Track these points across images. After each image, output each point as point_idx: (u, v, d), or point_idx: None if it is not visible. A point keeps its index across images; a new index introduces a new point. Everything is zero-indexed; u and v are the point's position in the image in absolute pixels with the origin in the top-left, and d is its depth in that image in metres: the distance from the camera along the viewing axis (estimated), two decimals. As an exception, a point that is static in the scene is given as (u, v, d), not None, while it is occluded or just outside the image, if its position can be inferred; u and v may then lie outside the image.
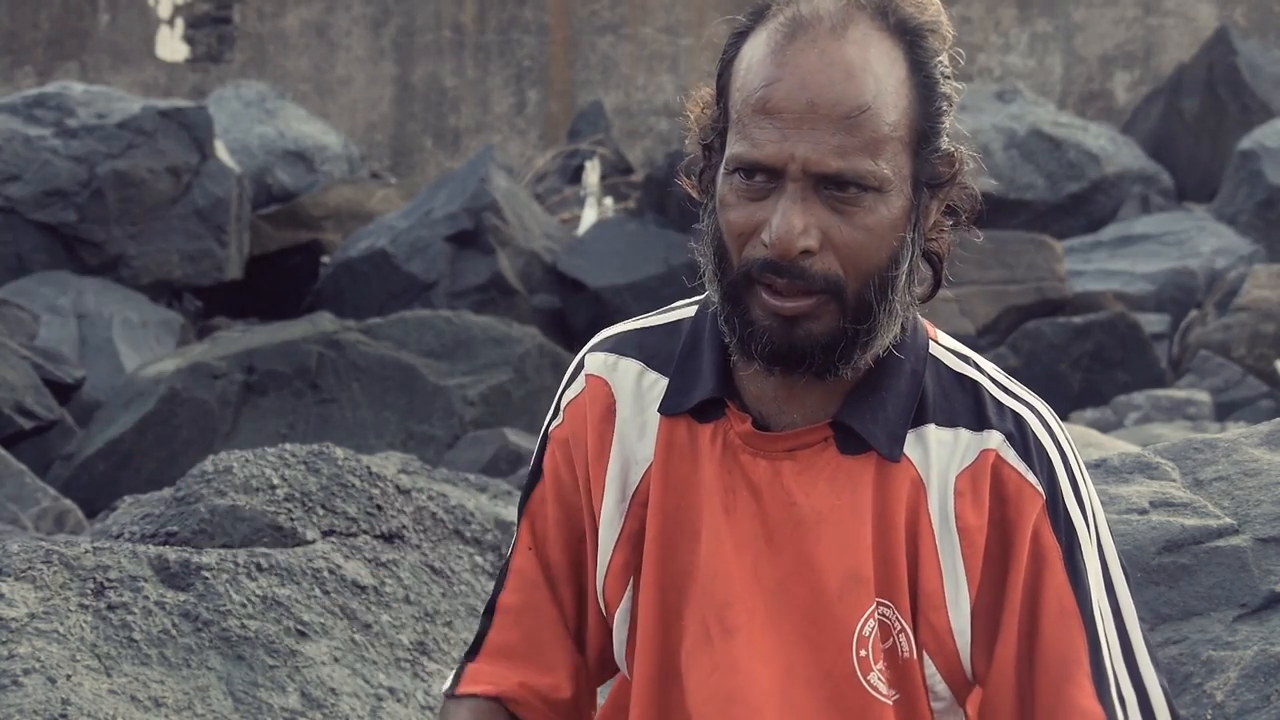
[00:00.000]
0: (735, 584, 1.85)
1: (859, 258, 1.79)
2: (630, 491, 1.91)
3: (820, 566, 1.84)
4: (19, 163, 11.18)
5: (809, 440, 1.86)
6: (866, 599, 1.83)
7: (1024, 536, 1.84)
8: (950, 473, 1.85)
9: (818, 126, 1.76)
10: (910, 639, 1.84)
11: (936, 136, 1.83)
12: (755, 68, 1.81)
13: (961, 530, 1.84)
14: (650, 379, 1.92)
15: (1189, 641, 2.53)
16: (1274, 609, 2.54)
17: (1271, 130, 13.15)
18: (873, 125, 1.77)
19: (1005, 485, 1.85)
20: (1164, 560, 2.61)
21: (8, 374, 7.89)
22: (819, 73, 1.77)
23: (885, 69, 1.79)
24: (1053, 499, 1.85)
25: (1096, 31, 16.39)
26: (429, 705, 3.12)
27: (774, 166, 1.78)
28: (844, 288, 1.79)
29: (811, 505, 1.85)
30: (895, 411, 1.85)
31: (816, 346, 1.81)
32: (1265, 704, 2.42)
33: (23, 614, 2.91)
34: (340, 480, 3.41)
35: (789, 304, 1.79)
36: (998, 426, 1.87)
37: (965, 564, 1.84)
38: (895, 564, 1.84)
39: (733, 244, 1.83)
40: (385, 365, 8.13)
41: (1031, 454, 1.86)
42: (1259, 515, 2.65)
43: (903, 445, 1.85)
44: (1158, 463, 2.82)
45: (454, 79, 16.57)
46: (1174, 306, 11.46)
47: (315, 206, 12.88)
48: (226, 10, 16.58)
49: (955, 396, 1.89)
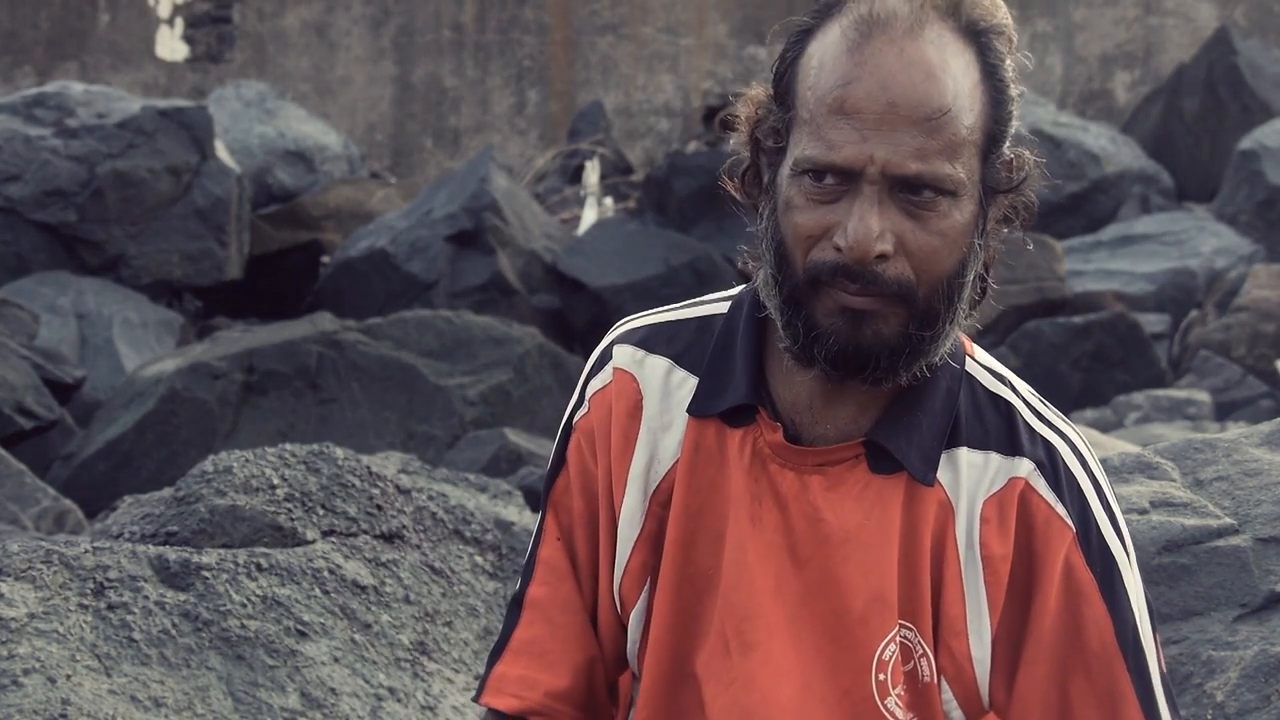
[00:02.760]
0: (757, 596, 1.82)
1: (931, 263, 1.76)
2: (651, 490, 1.87)
3: (844, 586, 1.81)
4: (19, 163, 11.18)
5: (840, 456, 1.83)
6: (890, 622, 1.80)
7: (1052, 569, 1.80)
8: (978, 497, 1.82)
9: (898, 128, 1.72)
10: (931, 663, 1.82)
11: (1003, 141, 1.80)
12: (829, 66, 1.76)
13: (986, 559, 1.81)
14: (679, 377, 1.88)
15: (1189, 641, 2.53)
16: (1274, 609, 2.54)
17: (1271, 130, 13.15)
18: (952, 128, 1.74)
19: (1034, 515, 1.82)
20: (1164, 560, 2.61)
21: (8, 374, 7.89)
22: (900, 73, 1.72)
23: (962, 71, 1.75)
24: (1085, 530, 1.82)
25: (1096, 31, 16.39)
26: (429, 705, 3.12)
27: (851, 168, 1.73)
28: (915, 294, 1.76)
29: (839, 523, 1.81)
30: (930, 432, 1.82)
31: (883, 349, 1.77)
32: (1265, 704, 2.42)
33: (23, 614, 2.91)
34: (340, 480, 3.41)
35: (859, 299, 1.75)
36: (1029, 454, 1.83)
37: (988, 592, 1.81)
38: (920, 587, 1.81)
39: (798, 247, 1.77)
40: (385, 365, 8.13)
41: (1062, 484, 1.83)
42: (1259, 515, 2.65)
43: (936, 470, 1.82)
44: (1158, 463, 2.82)
45: (454, 79, 16.57)
46: (1174, 306, 11.46)
47: (315, 206, 12.88)
48: (226, 10, 16.59)
49: (989, 418, 1.85)
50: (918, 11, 1.75)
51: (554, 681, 1.90)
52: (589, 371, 1.93)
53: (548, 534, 1.93)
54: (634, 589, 1.89)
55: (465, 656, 3.30)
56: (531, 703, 1.90)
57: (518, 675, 1.91)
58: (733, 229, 11.30)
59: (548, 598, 1.91)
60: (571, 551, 1.92)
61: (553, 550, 1.93)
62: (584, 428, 1.91)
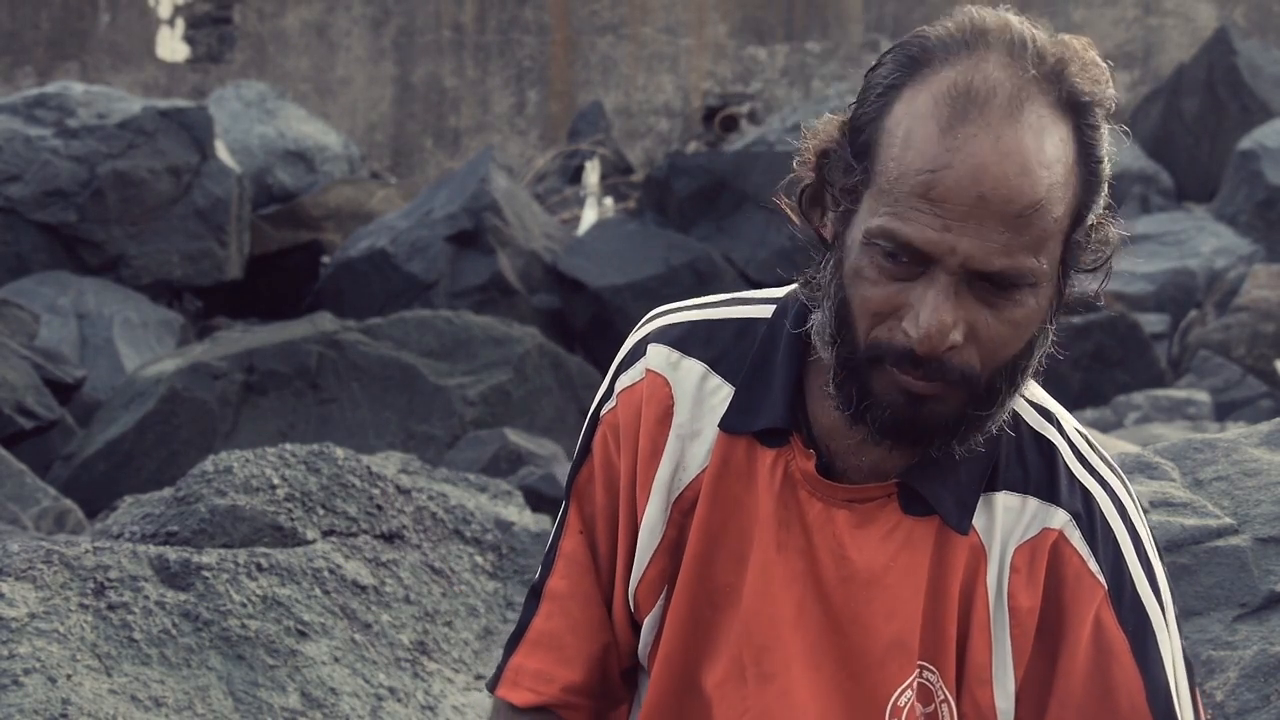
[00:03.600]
0: (778, 626, 1.79)
1: (1000, 351, 1.70)
2: (673, 498, 1.84)
3: (866, 627, 1.77)
4: (19, 163, 11.18)
5: (872, 494, 1.78)
6: (908, 668, 1.77)
7: (1081, 626, 1.76)
8: (1010, 544, 1.77)
9: (985, 223, 1.64)
10: (952, 709, 1.78)
11: (1089, 218, 1.74)
12: (918, 143, 1.67)
13: (1013, 610, 1.76)
14: (713, 384, 1.83)
15: (1189, 641, 2.53)
16: (1274, 609, 2.54)
17: (1271, 130, 13.15)
18: (1042, 223, 1.67)
19: (1064, 569, 1.77)
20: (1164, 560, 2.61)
21: (8, 374, 7.90)
22: (994, 165, 1.64)
23: (1057, 156, 1.68)
24: (1118, 587, 1.77)
25: (1096, 31, 16.38)
26: (429, 705, 3.12)
27: (931, 254, 1.66)
28: (978, 380, 1.70)
29: (864, 562, 1.77)
30: (968, 477, 1.77)
31: (938, 428, 1.72)
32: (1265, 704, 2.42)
33: (23, 614, 2.91)
34: (340, 480, 3.41)
35: (921, 384, 1.69)
36: (1066, 504, 1.78)
37: (1014, 644, 1.76)
38: (945, 631, 1.77)
39: (863, 320, 1.71)
40: (385, 365, 8.13)
41: (1097, 538, 1.78)
42: (1259, 515, 2.65)
43: (971, 516, 1.77)
44: (1158, 463, 2.82)
45: (454, 79, 16.57)
46: (1174, 306, 11.47)
47: (315, 206, 12.88)
48: (226, 10, 16.59)
49: (1030, 459, 1.80)
50: (1018, 87, 1.67)
51: (570, 675, 1.89)
52: (620, 363, 1.88)
53: (570, 526, 1.91)
54: (650, 596, 1.87)
55: (465, 656, 3.30)
56: (548, 697, 1.89)
57: (535, 669, 1.90)
58: (733, 229, 11.31)
59: (567, 590, 1.90)
60: (593, 544, 1.90)
61: (574, 543, 1.90)
62: (610, 422, 1.87)
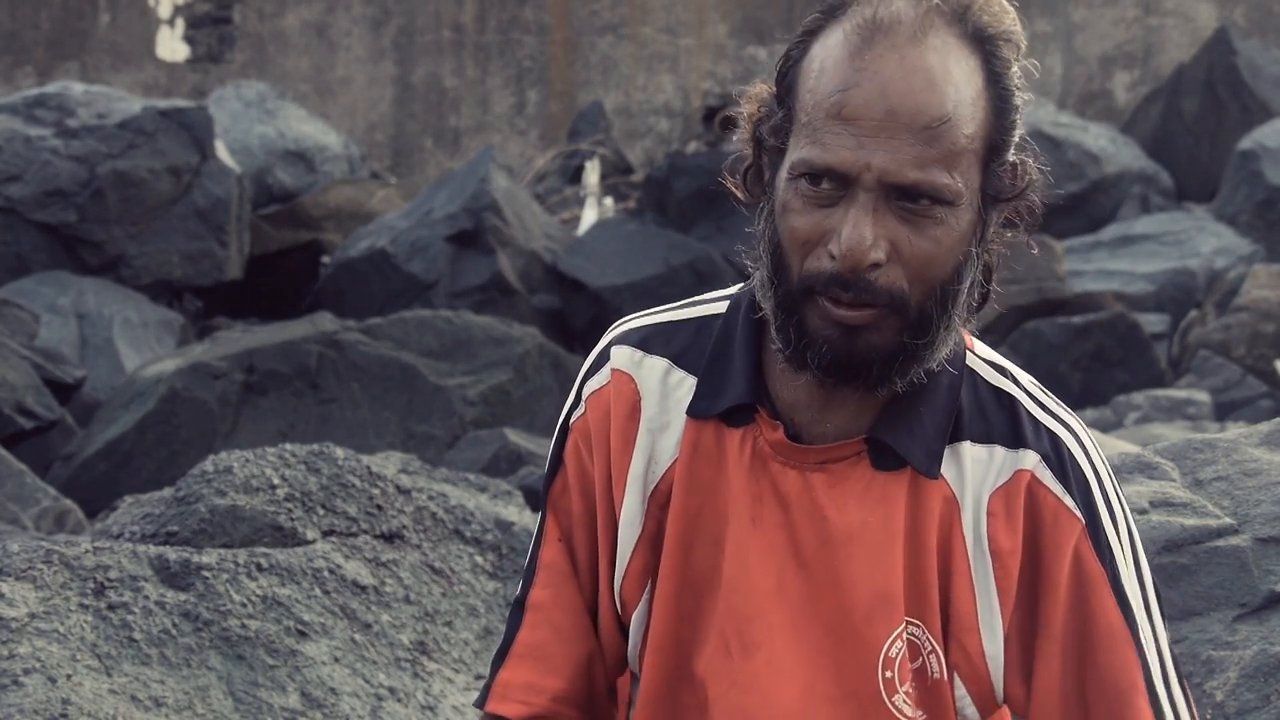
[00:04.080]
0: (758, 597, 1.81)
1: (925, 271, 1.74)
2: (649, 491, 1.86)
3: (849, 585, 1.80)
4: (19, 163, 11.18)
5: (842, 454, 1.81)
6: (896, 619, 1.79)
7: (1062, 561, 1.79)
8: (984, 492, 1.81)
9: (896, 136, 1.70)
10: (940, 660, 1.80)
11: (1007, 149, 1.78)
12: (830, 71, 1.74)
13: (995, 554, 1.80)
14: (677, 377, 1.87)
15: (1189, 641, 2.53)
16: (1274, 609, 2.54)
17: (1271, 130, 13.15)
18: (951, 137, 1.72)
19: (1041, 508, 1.81)
20: (1164, 560, 2.61)
21: (8, 374, 7.90)
22: (900, 80, 1.70)
23: (964, 79, 1.74)
24: (1093, 523, 1.80)
25: (1096, 31, 16.38)
26: (429, 705, 3.12)
27: (847, 174, 1.71)
28: (907, 302, 1.74)
29: (843, 521, 1.80)
30: (933, 427, 1.81)
31: (876, 359, 1.75)
32: (1265, 704, 2.42)
33: (23, 614, 2.91)
34: (340, 480, 3.41)
35: (851, 313, 1.74)
36: (1034, 446, 1.82)
37: (998, 588, 1.79)
38: (927, 584, 1.80)
39: (794, 252, 1.76)
40: (385, 365, 8.13)
41: (1069, 476, 1.81)
42: (1259, 515, 2.65)
43: (940, 463, 1.80)
44: (1158, 463, 2.82)
45: (454, 79, 16.57)
46: (1174, 306, 11.47)
47: (315, 206, 12.88)
48: (226, 10, 16.59)
49: (991, 412, 1.84)
50: (922, 17, 1.73)
51: (558, 684, 1.89)
52: (586, 371, 1.91)
53: (548, 536, 1.92)
54: (635, 591, 1.88)
55: (465, 656, 3.30)
56: (538, 708, 1.89)
57: (523, 681, 1.90)
58: (733, 229, 11.30)
59: (550, 600, 1.90)
60: (572, 552, 1.90)
61: (554, 552, 1.91)
62: (581, 428, 1.90)
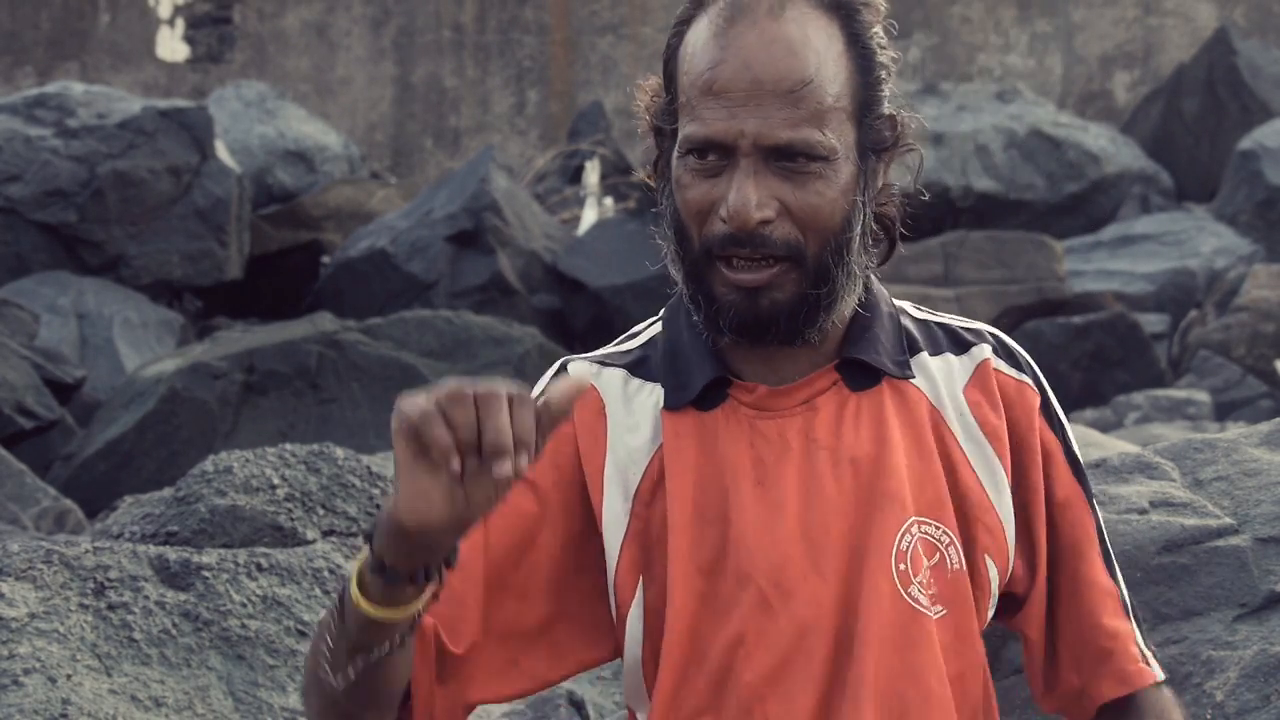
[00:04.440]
0: (782, 547, 1.88)
1: (815, 222, 1.86)
2: (632, 491, 1.91)
3: (858, 499, 1.89)
4: (19, 163, 11.18)
5: (820, 385, 1.92)
6: (902, 513, 1.89)
7: (1034, 433, 1.96)
8: (957, 390, 1.95)
9: (764, 102, 1.83)
10: (959, 550, 1.91)
11: (878, 104, 1.90)
12: (700, 52, 1.87)
13: (988, 433, 1.94)
14: (636, 384, 1.95)
15: (1189, 641, 2.53)
16: (1274, 609, 2.54)
17: (1271, 130, 13.15)
18: (816, 97, 1.84)
19: (1007, 388, 1.97)
20: (1164, 560, 2.61)
21: (8, 374, 7.90)
22: (760, 50, 1.84)
23: (824, 43, 1.86)
24: (1044, 397, 1.99)
25: (1096, 31, 16.39)
26: (429, 705, 3.12)
27: (725, 143, 1.84)
28: (804, 253, 1.86)
29: (840, 446, 1.90)
30: (890, 343, 1.94)
31: (781, 314, 1.87)
32: (1265, 704, 2.42)
33: (23, 614, 2.91)
34: (340, 480, 3.41)
35: (750, 276, 1.86)
36: (983, 340, 1.99)
37: (999, 461, 1.94)
38: (933, 482, 1.91)
39: (692, 223, 1.88)
40: (385, 365, 8.14)
41: (1018, 360, 1.99)
42: (1259, 515, 2.65)
43: (909, 367, 1.94)
44: (1158, 463, 2.82)
45: (454, 79, 16.57)
46: (1174, 306, 11.47)
47: (315, 206, 12.88)
48: (226, 10, 16.59)
49: (931, 333, 1.99)
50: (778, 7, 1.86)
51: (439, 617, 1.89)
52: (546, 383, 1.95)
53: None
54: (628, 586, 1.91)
55: (465, 656, 3.29)
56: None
57: None
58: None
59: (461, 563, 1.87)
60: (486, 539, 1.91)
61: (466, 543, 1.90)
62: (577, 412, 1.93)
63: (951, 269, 11.81)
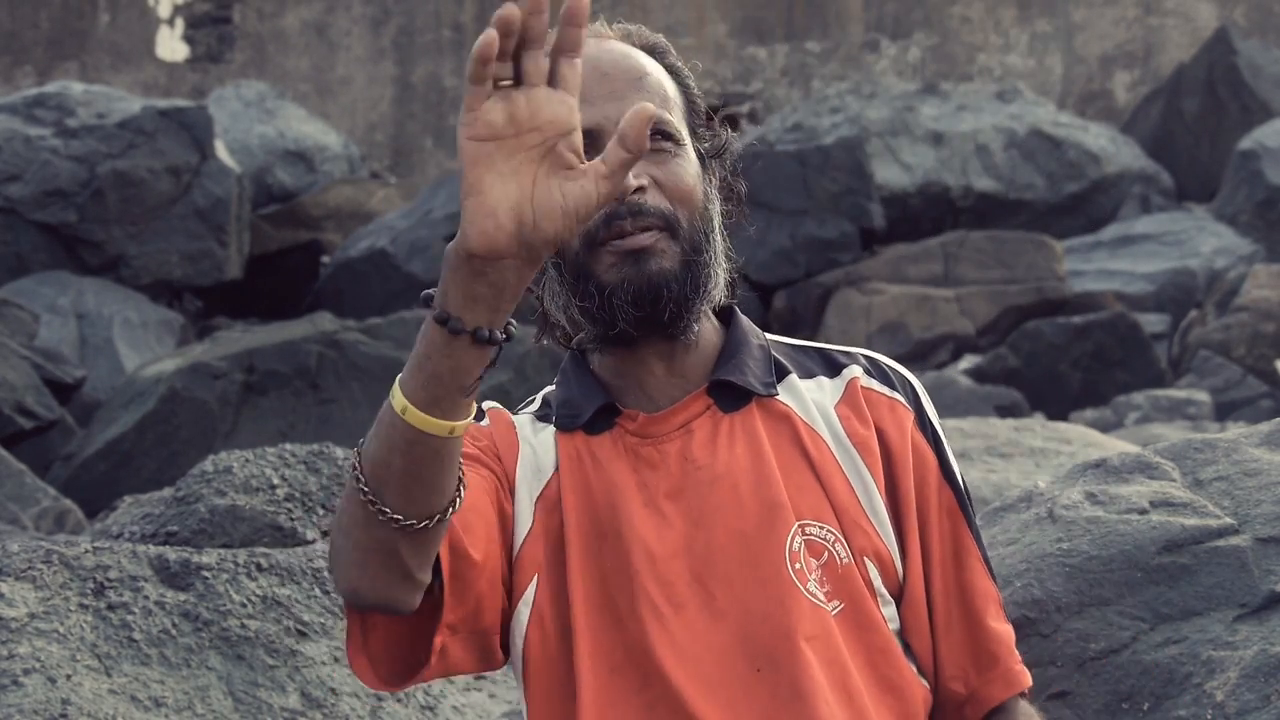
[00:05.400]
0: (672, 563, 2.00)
1: (681, 194, 2.03)
2: (535, 495, 2.04)
3: (741, 511, 2.01)
4: (19, 163, 11.19)
5: (694, 410, 2.06)
6: (789, 519, 2.00)
7: (905, 447, 2.08)
8: (828, 407, 2.09)
9: (618, 90, 2.03)
10: (845, 546, 2.02)
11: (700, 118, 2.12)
12: None
13: (858, 444, 2.06)
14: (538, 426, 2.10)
15: (1189, 641, 2.53)
16: (1274, 609, 2.54)
17: (1271, 130, 13.15)
18: (658, 88, 2.06)
19: (878, 404, 2.10)
20: (1164, 560, 2.61)
21: (8, 374, 7.90)
22: (604, 55, 2.06)
23: (649, 60, 2.10)
24: (920, 413, 2.11)
25: (1096, 31, 16.39)
26: (429, 705, 3.12)
27: (593, 129, 1.98)
28: (678, 221, 2.02)
29: (720, 463, 2.03)
30: (758, 368, 2.09)
31: (670, 279, 2.00)
32: (1265, 704, 2.42)
33: (23, 614, 2.91)
34: (340, 480, 3.41)
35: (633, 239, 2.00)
36: (854, 362, 2.13)
37: (870, 471, 2.05)
38: (809, 488, 2.03)
39: None
40: (385, 365, 8.14)
41: (890, 379, 2.12)
42: (1259, 515, 2.65)
43: (775, 387, 2.08)
44: (1158, 463, 2.82)
45: (454, 79, 16.56)
46: (1174, 306, 11.47)
47: (315, 206, 12.89)
48: (226, 10, 16.59)
49: (804, 359, 2.14)
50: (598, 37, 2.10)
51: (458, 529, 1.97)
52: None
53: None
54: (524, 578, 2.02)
55: (465, 656, 3.29)
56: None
57: None
58: (732, 228, 11.30)
59: None
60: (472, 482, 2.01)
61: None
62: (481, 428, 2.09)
63: (951, 269, 11.81)
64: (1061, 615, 2.49)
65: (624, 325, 2.01)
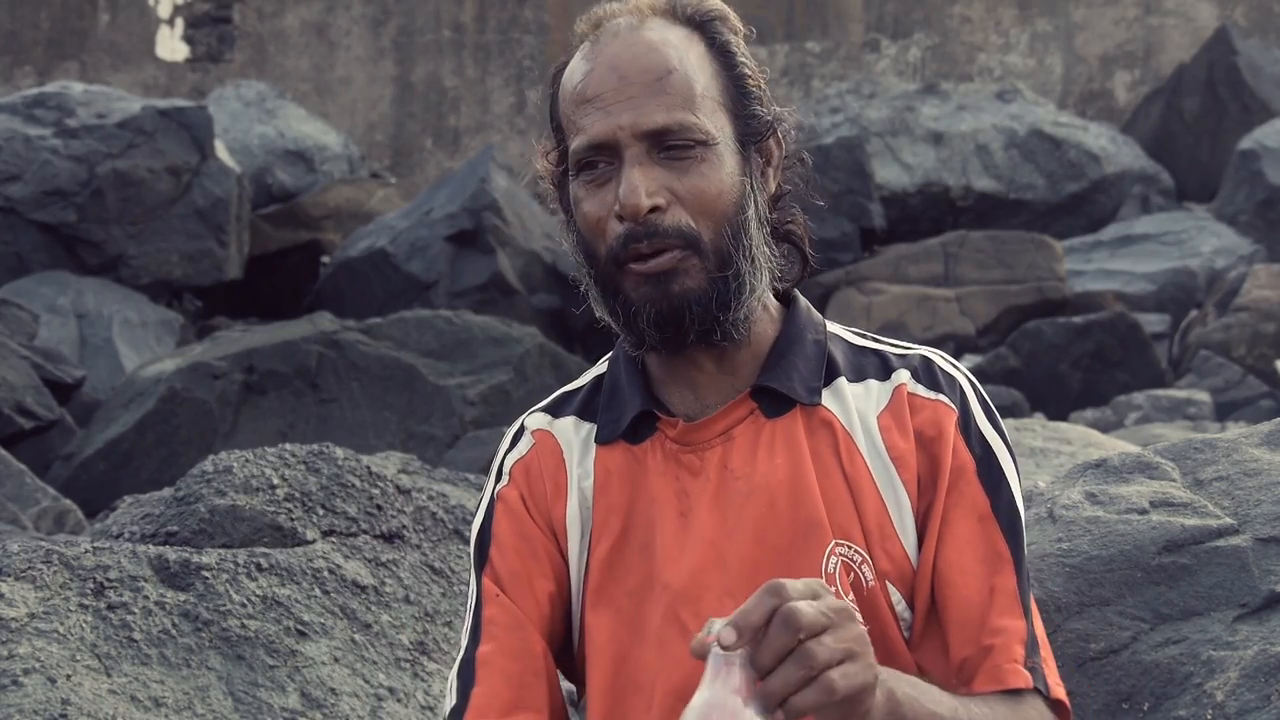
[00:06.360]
0: (701, 577, 1.94)
1: (704, 206, 1.92)
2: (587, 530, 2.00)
3: (778, 525, 1.95)
4: (19, 163, 11.18)
5: (737, 416, 1.99)
6: (826, 537, 1.94)
7: (947, 451, 1.98)
8: (870, 416, 1.99)
9: (635, 95, 1.92)
10: (871, 569, 1.95)
11: (748, 99, 1.98)
12: (572, 77, 1.97)
13: (895, 458, 1.97)
14: (585, 427, 2.04)
15: (1189, 641, 2.53)
16: (1274, 609, 2.54)
17: (1271, 130, 13.15)
18: (683, 85, 1.93)
19: (921, 410, 1.99)
20: (1164, 560, 2.61)
21: (8, 374, 7.90)
22: (624, 52, 1.94)
23: (683, 43, 1.96)
24: (965, 414, 2.00)
25: (1096, 31, 16.38)
26: (429, 705, 3.12)
27: (606, 141, 1.92)
28: (700, 238, 1.92)
29: (759, 474, 1.96)
30: (807, 371, 2.00)
31: (692, 300, 1.93)
32: (1265, 704, 2.42)
33: (23, 614, 2.91)
34: (340, 480, 3.41)
35: (653, 262, 1.92)
36: (905, 366, 2.02)
37: (905, 488, 1.97)
38: (842, 504, 1.96)
39: (594, 236, 1.96)
40: (385, 365, 8.13)
41: (939, 382, 2.01)
42: (1259, 515, 2.64)
43: (820, 394, 1.99)
44: (1158, 463, 2.82)
45: (454, 79, 16.57)
46: (1174, 306, 11.47)
47: (315, 206, 12.88)
48: (226, 10, 16.59)
49: (860, 360, 2.04)
50: (638, 16, 1.98)
51: None
52: (506, 449, 2.07)
53: (486, 595, 2.00)
54: None
55: (465, 656, 3.29)
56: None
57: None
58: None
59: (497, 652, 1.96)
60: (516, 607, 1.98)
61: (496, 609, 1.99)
62: (508, 497, 2.03)
63: (952, 269, 11.81)
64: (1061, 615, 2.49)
65: (650, 342, 1.97)
